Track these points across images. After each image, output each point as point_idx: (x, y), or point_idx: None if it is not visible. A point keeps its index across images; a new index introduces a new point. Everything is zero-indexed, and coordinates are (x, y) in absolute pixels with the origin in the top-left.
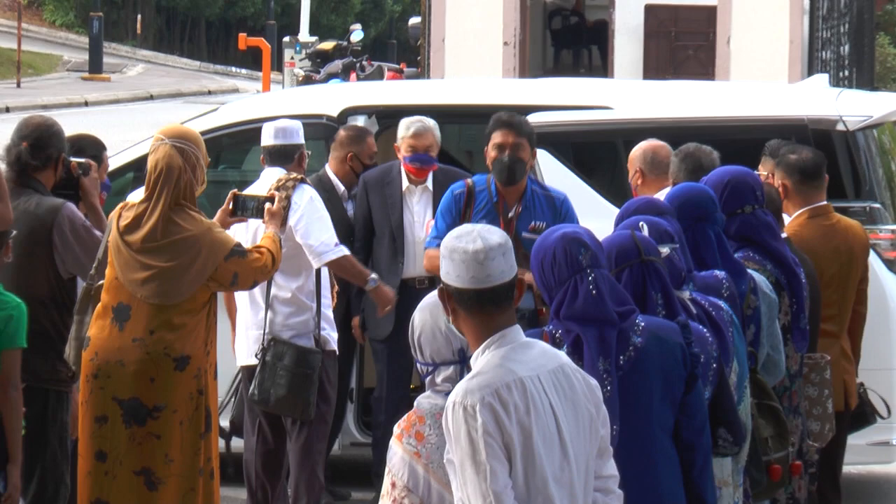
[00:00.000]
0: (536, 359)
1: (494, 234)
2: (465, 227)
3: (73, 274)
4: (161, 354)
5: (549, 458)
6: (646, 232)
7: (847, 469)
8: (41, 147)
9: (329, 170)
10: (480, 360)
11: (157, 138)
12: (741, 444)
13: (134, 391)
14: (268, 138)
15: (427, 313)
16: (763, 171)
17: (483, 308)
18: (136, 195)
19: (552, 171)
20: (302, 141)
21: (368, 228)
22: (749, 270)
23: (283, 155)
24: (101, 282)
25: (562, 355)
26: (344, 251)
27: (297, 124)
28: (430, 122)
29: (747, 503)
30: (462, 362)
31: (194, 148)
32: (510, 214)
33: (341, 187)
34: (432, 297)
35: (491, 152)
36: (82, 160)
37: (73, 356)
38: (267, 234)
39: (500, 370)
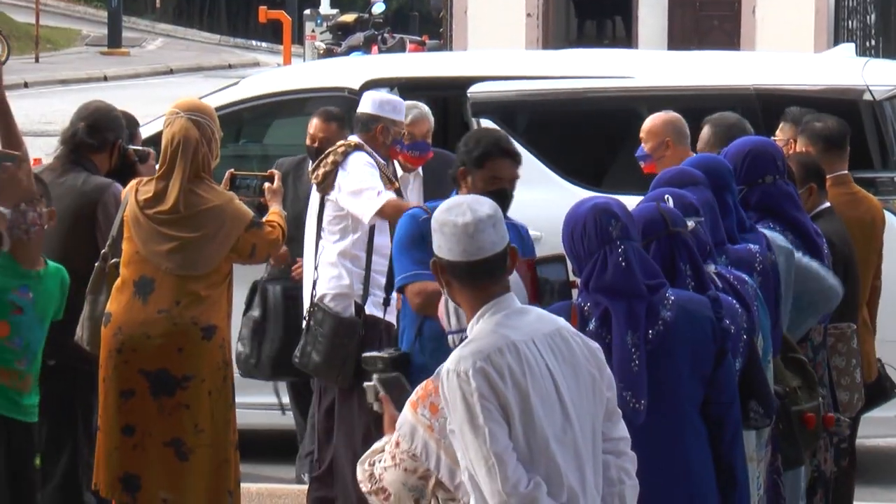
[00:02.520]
0: (531, 323)
1: (484, 206)
2: (454, 200)
3: (115, 256)
4: (189, 324)
5: (549, 420)
6: (671, 204)
7: (874, 442)
8: (98, 129)
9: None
10: (475, 328)
11: (171, 112)
12: (772, 415)
13: (161, 363)
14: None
15: None
16: (781, 137)
17: (476, 279)
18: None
19: None
20: (387, 114)
21: None
22: (761, 230)
23: (360, 123)
24: (114, 260)
25: (559, 320)
26: (383, 198)
27: (390, 98)
28: (426, 108)
29: (778, 480)
30: None
31: (209, 121)
32: None
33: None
34: None
35: (487, 183)
36: (140, 148)
37: (88, 336)
38: (273, 209)
39: (492, 336)
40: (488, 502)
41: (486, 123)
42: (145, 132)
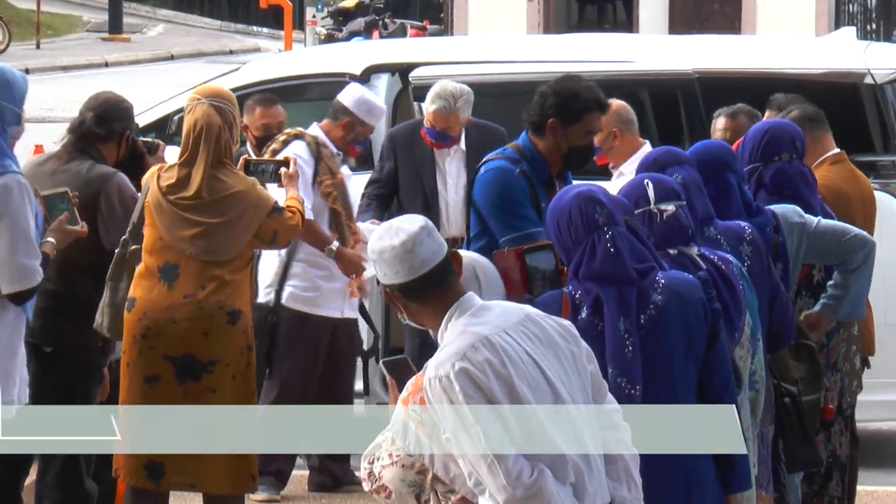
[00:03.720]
0: (499, 316)
1: (412, 222)
2: (382, 227)
3: (115, 246)
4: (214, 309)
5: (539, 403)
6: (651, 190)
7: (876, 426)
8: (106, 119)
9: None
10: (445, 335)
11: (192, 98)
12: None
13: (187, 347)
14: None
15: None
16: None
17: (430, 292)
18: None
19: None
20: (359, 114)
21: (392, 185)
22: (770, 207)
23: (332, 108)
24: (134, 246)
25: (525, 307)
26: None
27: (369, 99)
28: (458, 103)
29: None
30: None
31: (231, 107)
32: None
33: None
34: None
35: (580, 137)
36: (149, 139)
37: (108, 323)
38: (291, 195)
39: (463, 336)
40: (497, 499)
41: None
42: (147, 118)
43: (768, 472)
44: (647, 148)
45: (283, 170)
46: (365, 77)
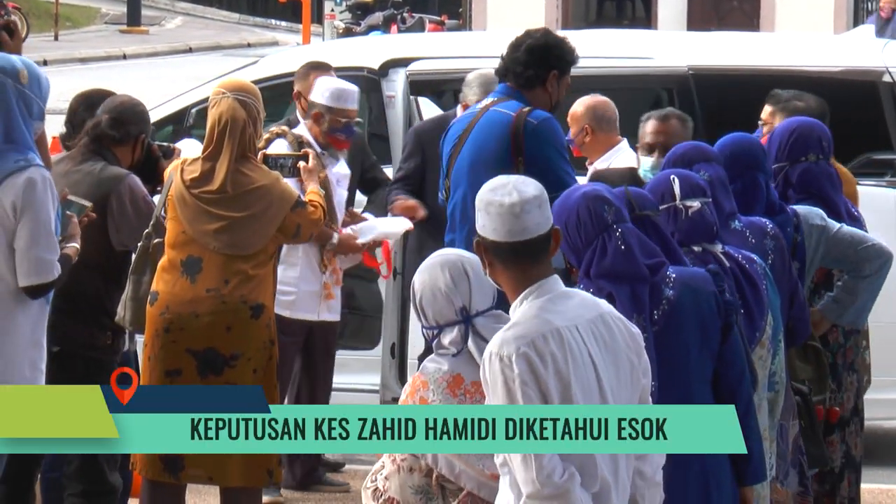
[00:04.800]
0: (575, 308)
1: (530, 186)
2: (499, 180)
3: (125, 247)
4: (238, 303)
5: None
6: (677, 186)
7: (879, 424)
8: (122, 122)
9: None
10: (518, 311)
11: (217, 92)
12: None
13: (209, 341)
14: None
15: (426, 275)
16: (767, 119)
17: (519, 261)
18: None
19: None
20: (325, 102)
21: (419, 182)
22: (793, 207)
23: (309, 108)
24: (157, 240)
25: (602, 304)
26: None
27: (335, 86)
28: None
29: (804, 481)
30: (466, 321)
31: (255, 101)
32: None
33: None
34: (431, 258)
35: (565, 90)
36: (166, 144)
37: (131, 317)
38: (312, 189)
39: (536, 321)
40: (521, 489)
41: (425, 102)
42: (164, 110)
43: (786, 465)
44: (623, 146)
45: (301, 164)
46: (383, 71)
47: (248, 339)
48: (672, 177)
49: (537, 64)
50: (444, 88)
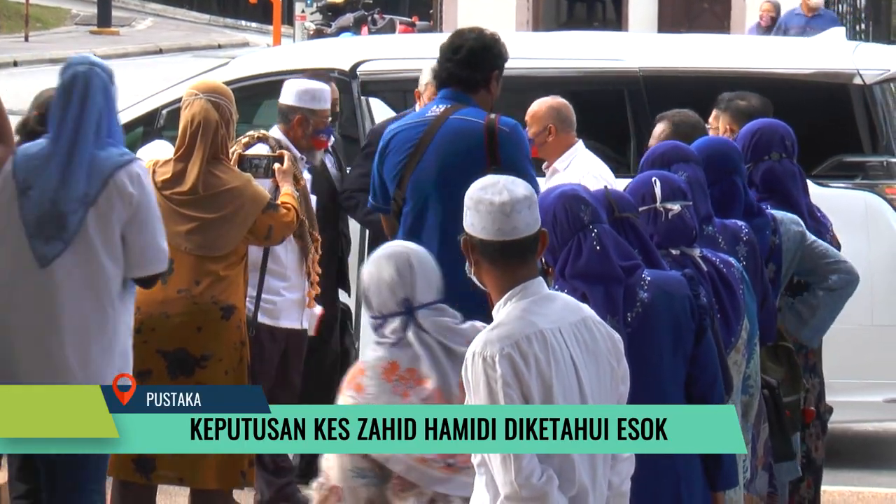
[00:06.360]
0: (558, 311)
1: (520, 187)
2: (489, 178)
3: None
4: (209, 303)
5: None
6: (658, 188)
7: (862, 426)
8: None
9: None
10: (502, 311)
11: (189, 93)
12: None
13: (180, 342)
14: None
15: (373, 266)
16: (714, 125)
17: (507, 260)
18: (148, 150)
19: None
20: (305, 105)
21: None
22: (771, 211)
23: (280, 114)
24: None
25: (585, 308)
26: None
27: (310, 87)
28: None
29: (773, 482)
30: (408, 313)
31: (228, 103)
32: None
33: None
34: (380, 250)
35: (498, 88)
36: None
37: None
38: (286, 191)
39: (520, 322)
40: (499, 490)
41: (375, 102)
42: (134, 112)
43: (754, 469)
44: (579, 146)
45: (276, 165)
46: (353, 73)
47: (218, 339)
48: (654, 179)
49: (481, 66)
50: (395, 89)
